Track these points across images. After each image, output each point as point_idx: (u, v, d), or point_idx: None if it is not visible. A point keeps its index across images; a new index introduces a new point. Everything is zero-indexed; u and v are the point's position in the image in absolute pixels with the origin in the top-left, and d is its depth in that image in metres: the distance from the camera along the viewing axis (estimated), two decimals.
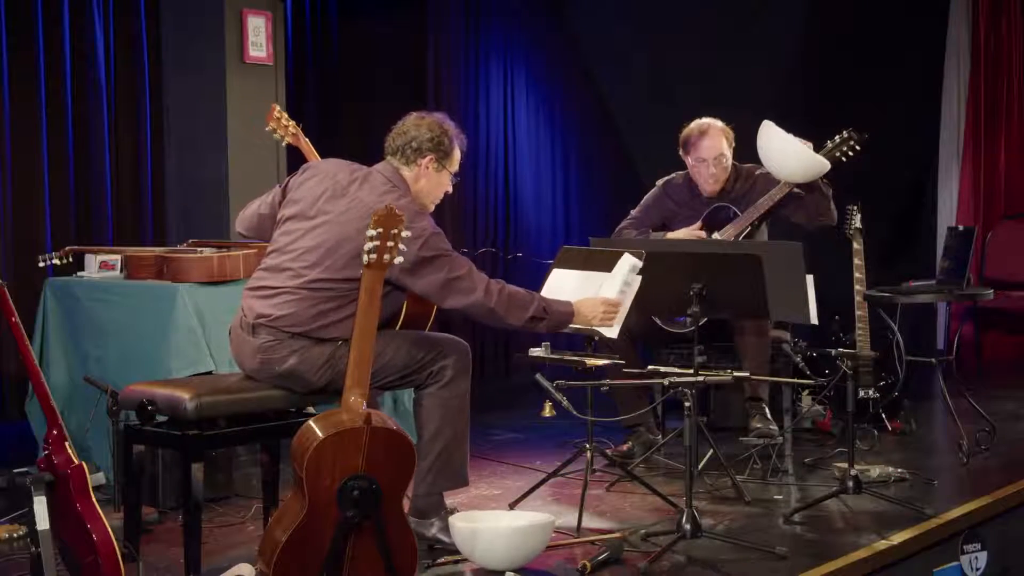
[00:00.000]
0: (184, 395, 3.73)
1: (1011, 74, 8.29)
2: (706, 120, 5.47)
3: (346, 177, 4.04)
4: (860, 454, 5.13)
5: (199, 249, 5.01)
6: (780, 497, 4.75)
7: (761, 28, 8.01)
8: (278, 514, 3.58)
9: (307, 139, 4.84)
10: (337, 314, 3.87)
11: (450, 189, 4.20)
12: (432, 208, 4.18)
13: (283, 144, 4.93)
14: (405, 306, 4.13)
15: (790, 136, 5.24)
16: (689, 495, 4.00)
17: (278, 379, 3.89)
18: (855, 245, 5.34)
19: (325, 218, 3.95)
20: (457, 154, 4.16)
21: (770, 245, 5.01)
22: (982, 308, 8.01)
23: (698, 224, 5.42)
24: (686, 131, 5.50)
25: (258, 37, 6.43)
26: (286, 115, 4.85)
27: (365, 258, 3.42)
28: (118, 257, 5.15)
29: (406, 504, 3.75)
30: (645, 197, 5.66)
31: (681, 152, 5.52)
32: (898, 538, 4.15)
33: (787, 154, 5.23)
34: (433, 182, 4.11)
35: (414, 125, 4.11)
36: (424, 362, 3.99)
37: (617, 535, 4.16)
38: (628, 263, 4.25)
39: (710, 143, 5.41)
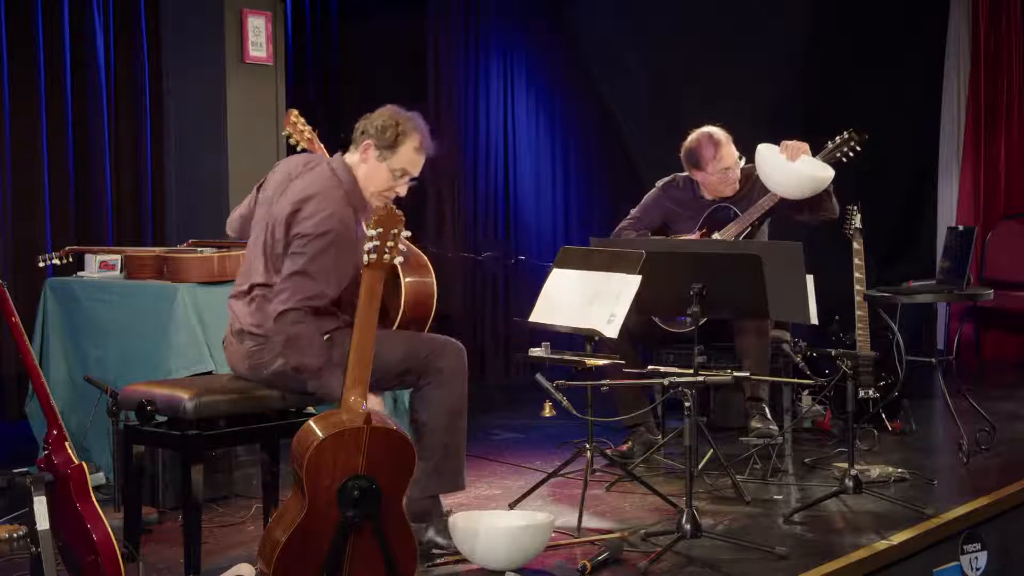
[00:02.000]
0: (184, 395, 3.74)
1: (1011, 74, 8.29)
2: (705, 130, 5.43)
3: (297, 170, 3.98)
4: (860, 454, 5.13)
5: (199, 249, 5.01)
6: (780, 497, 4.75)
7: (761, 28, 8.01)
8: (278, 514, 3.58)
9: (322, 144, 4.80)
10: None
11: (400, 190, 3.98)
12: (375, 203, 3.94)
13: (298, 149, 4.87)
14: (402, 310, 4.12)
15: (786, 160, 5.22)
16: (689, 495, 4.00)
17: (269, 383, 3.89)
18: (855, 245, 5.35)
19: (270, 213, 3.92)
20: (405, 152, 3.94)
21: (770, 245, 5.01)
22: (982, 308, 8.01)
23: (699, 234, 5.41)
24: (693, 145, 5.42)
25: (258, 37, 6.43)
26: (303, 120, 4.79)
27: (365, 258, 3.43)
28: (118, 257, 5.14)
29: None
30: (644, 198, 5.65)
31: (690, 166, 5.47)
32: (898, 538, 4.15)
33: (791, 176, 5.22)
34: (373, 171, 3.93)
35: (378, 113, 4.02)
36: (417, 364, 3.96)
37: (617, 535, 4.16)
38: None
39: (728, 150, 5.39)
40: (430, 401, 3.98)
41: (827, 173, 5.25)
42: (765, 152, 5.29)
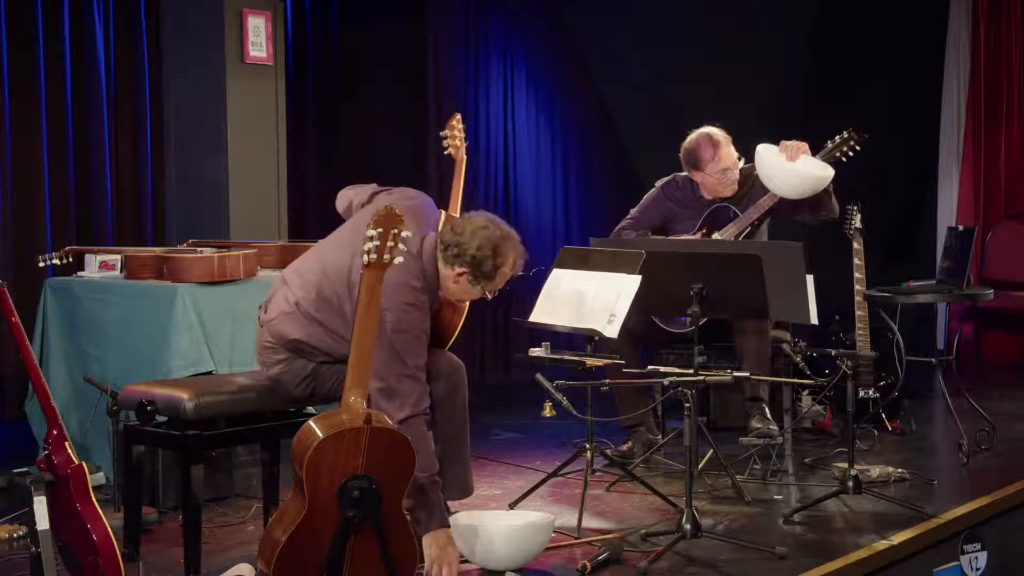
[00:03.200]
0: (184, 395, 3.74)
1: (1011, 74, 8.29)
2: (704, 131, 5.42)
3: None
4: (860, 454, 5.13)
5: (199, 249, 5.01)
6: (780, 497, 4.75)
7: (761, 28, 8.01)
8: (278, 514, 3.58)
9: (465, 156, 4.72)
10: (318, 344, 3.87)
11: (479, 296, 4.01)
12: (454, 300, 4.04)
13: (445, 152, 4.79)
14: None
15: (785, 160, 5.22)
16: (689, 495, 4.00)
17: (270, 384, 3.93)
18: (855, 245, 5.34)
19: (334, 246, 3.92)
20: (501, 278, 3.92)
21: (770, 245, 5.00)
22: (982, 308, 8.01)
23: (699, 234, 5.41)
24: (692, 146, 5.41)
25: (258, 37, 6.43)
26: (461, 126, 4.74)
27: (365, 258, 3.42)
28: (118, 257, 5.15)
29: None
30: (644, 198, 5.64)
31: (689, 167, 5.45)
32: (898, 538, 4.15)
33: (791, 176, 5.22)
34: (464, 290, 3.94)
35: (471, 233, 3.85)
36: None
37: (617, 535, 4.16)
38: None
39: (727, 151, 5.38)
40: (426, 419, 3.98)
41: (827, 172, 5.25)
42: (764, 153, 5.29)
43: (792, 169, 5.21)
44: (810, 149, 5.28)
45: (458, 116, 4.72)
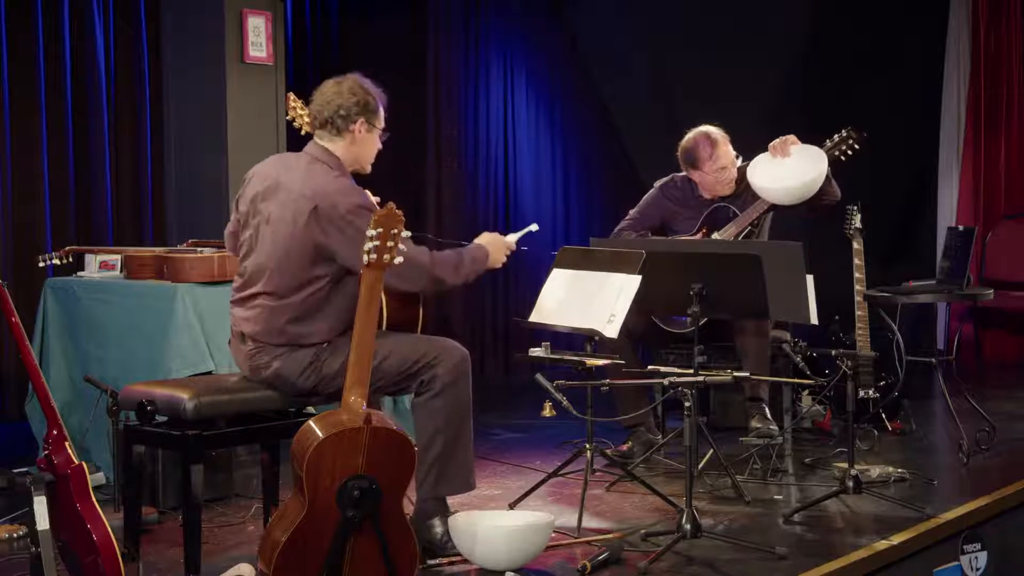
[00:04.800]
0: (184, 395, 3.74)
1: (1011, 74, 8.29)
2: (702, 130, 5.42)
3: (276, 170, 4.00)
4: (860, 454, 5.13)
5: (199, 249, 5.02)
6: (780, 497, 4.75)
7: (761, 28, 8.01)
8: (278, 514, 3.58)
9: None
10: (311, 321, 3.86)
11: (380, 146, 4.13)
12: (368, 169, 4.13)
13: (302, 132, 4.82)
14: (386, 315, 4.06)
15: (779, 166, 5.23)
16: (689, 495, 4.00)
17: (268, 383, 3.91)
18: (855, 245, 5.34)
19: (261, 218, 3.93)
20: (381, 109, 4.10)
21: (770, 245, 5.00)
22: (982, 308, 8.02)
23: (699, 234, 5.41)
24: (690, 145, 5.41)
25: (258, 37, 6.43)
26: (300, 103, 4.77)
27: (365, 258, 3.43)
28: (118, 257, 5.15)
29: (407, 505, 3.75)
30: (643, 198, 5.64)
31: (687, 166, 5.45)
32: (898, 538, 4.15)
33: (792, 192, 5.23)
34: (367, 144, 4.06)
35: (335, 93, 4.04)
36: (414, 371, 3.94)
37: (617, 535, 4.16)
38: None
39: (724, 149, 5.38)
40: (431, 410, 3.96)
41: (821, 167, 5.23)
42: (754, 180, 5.27)
43: (786, 188, 5.22)
44: None
45: (291, 95, 4.79)
